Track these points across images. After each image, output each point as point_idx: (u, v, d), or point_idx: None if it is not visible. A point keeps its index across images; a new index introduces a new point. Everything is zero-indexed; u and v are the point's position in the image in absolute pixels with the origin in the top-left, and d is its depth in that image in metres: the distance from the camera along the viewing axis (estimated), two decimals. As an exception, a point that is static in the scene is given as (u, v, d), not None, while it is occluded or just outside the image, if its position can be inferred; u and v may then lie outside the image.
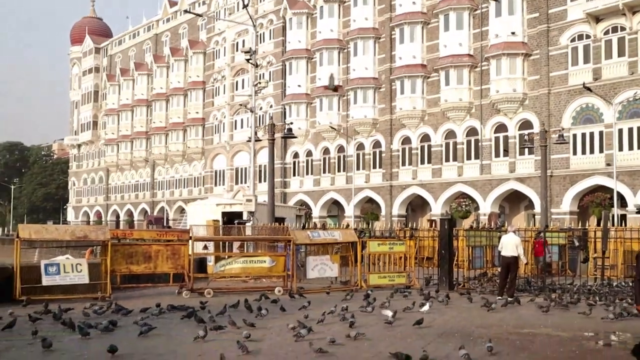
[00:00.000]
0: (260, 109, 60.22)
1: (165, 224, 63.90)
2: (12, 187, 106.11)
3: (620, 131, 38.02)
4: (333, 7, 55.38)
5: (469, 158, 45.92)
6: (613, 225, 30.64)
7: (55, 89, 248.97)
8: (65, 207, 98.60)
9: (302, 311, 14.04)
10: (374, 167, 52.29)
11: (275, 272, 20.04)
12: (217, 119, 68.58)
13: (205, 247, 22.14)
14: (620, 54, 38.72)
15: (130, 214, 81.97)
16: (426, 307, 14.40)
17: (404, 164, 50.22)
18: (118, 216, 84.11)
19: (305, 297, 17.25)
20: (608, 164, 37.25)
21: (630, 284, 20.85)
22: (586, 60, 40.20)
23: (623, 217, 35.94)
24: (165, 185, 76.44)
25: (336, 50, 55.08)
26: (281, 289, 18.83)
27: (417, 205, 50.48)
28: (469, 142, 45.97)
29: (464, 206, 44.94)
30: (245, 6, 34.11)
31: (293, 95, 58.10)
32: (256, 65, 34.64)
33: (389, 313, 13.63)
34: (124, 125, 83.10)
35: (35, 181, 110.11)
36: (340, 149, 55.03)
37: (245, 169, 63.26)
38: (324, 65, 55.30)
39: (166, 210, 72.47)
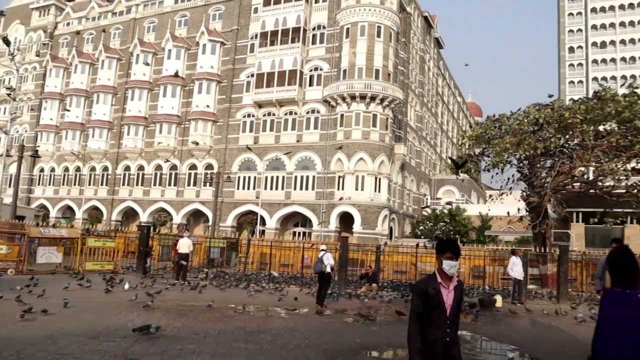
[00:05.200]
0: (17, 132, 53.57)
1: None
2: None
3: (266, 178, 40.46)
4: (85, 67, 51.35)
5: (169, 185, 45.14)
6: (254, 235, 32.50)
7: None
8: None
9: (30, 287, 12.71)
10: (101, 184, 48.93)
11: (11, 257, 17.75)
12: (-23, 134, 58.88)
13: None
14: (271, 129, 41.30)
15: None
16: (127, 285, 13.96)
17: (124, 184, 47.70)
18: None
19: (35, 276, 15.63)
20: (257, 197, 39.37)
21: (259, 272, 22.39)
22: (251, 130, 42.17)
23: (263, 232, 38.19)
24: None
25: (83, 98, 51.04)
26: (13, 270, 16.85)
27: (130, 214, 48.12)
28: (170, 174, 45.28)
29: (163, 217, 44.21)
30: (11, 54, 30.33)
31: (45, 125, 52.25)
32: (14, 100, 30.84)
33: (126, 286, 13.78)
34: None
35: None
36: (78, 169, 50.71)
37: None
38: (73, 107, 50.58)
39: None
